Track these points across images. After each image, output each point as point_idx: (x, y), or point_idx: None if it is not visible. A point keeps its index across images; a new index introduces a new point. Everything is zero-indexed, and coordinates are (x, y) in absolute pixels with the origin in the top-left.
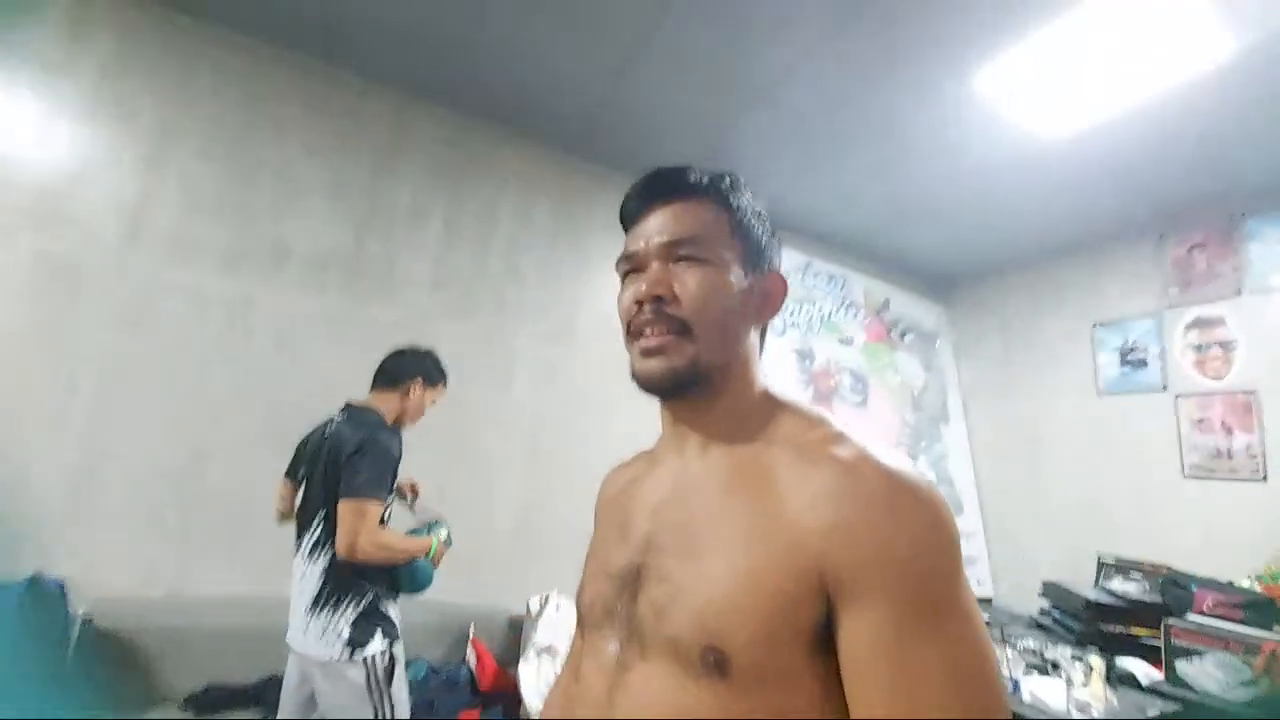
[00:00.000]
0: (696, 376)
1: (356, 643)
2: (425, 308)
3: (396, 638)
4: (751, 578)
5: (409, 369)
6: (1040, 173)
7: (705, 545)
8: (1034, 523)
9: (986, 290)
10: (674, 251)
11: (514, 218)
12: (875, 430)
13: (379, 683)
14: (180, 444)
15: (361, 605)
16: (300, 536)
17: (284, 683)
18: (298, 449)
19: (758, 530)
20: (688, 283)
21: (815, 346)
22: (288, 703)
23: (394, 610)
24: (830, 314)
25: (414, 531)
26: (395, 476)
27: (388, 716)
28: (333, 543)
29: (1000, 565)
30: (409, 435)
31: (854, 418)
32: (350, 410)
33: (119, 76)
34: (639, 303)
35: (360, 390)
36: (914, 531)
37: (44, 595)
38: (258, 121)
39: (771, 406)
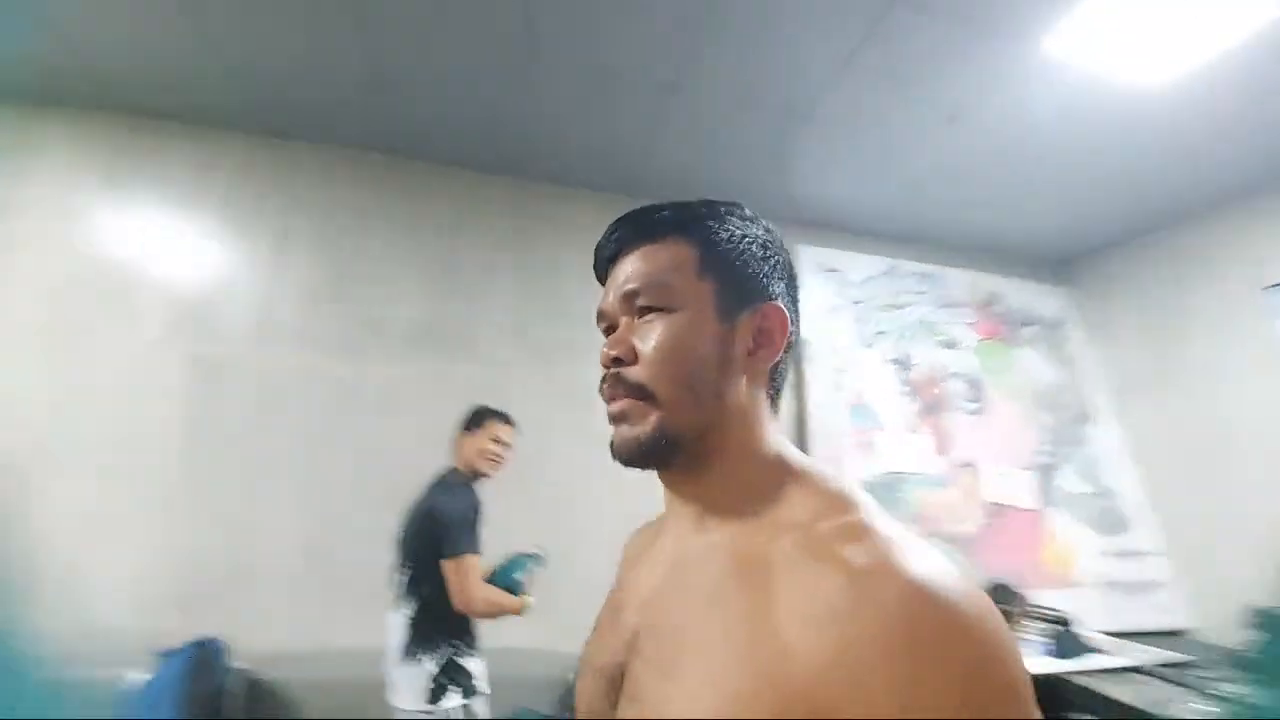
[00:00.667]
0: (667, 445)
1: (434, 698)
2: (507, 361)
3: (475, 693)
4: (732, 706)
5: (460, 424)
6: (1147, 128)
7: (686, 659)
8: (1223, 535)
9: (1113, 265)
10: (633, 304)
11: (580, 266)
12: (999, 440)
13: None
14: (310, 513)
15: (440, 660)
16: (395, 593)
17: None
18: None
19: (745, 646)
20: (648, 338)
21: (913, 354)
22: None
23: (476, 664)
24: (927, 316)
25: (513, 562)
26: (476, 523)
27: None
28: (415, 598)
29: (1187, 589)
30: (504, 486)
31: (971, 428)
32: (439, 473)
33: (239, 200)
34: (604, 366)
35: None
36: (943, 679)
37: (210, 655)
38: (349, 216)
39: (784, 476)
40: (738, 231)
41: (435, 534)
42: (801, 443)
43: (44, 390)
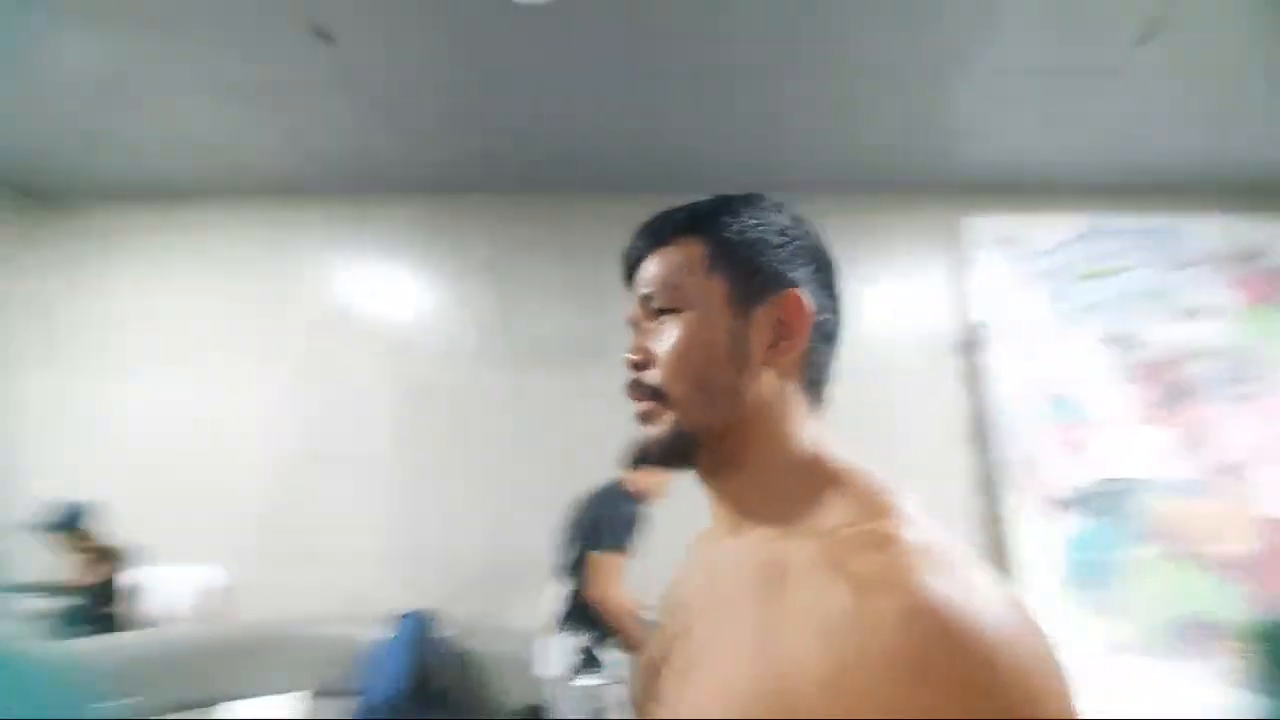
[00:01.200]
0: (685, 445)
1: (578, 671)
2: None
3: (612, 681)
4: (734, 715)
5: (632, 461)
6: None
7: (700, 665)
8: None
9: None
10: (649, 307)
11: None
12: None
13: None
14: (488, 506)
15: (587, 639)
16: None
17: None
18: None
19: (752, 656)
20: (661, 340)
21: (1139, 330)
22: None
23: (617, 657)
24: (1155, 281)
25: None
26: (634, 531)
27: None
28: (572, 580)
29: None
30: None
31: (1237, 421)
32: (611, 481)
33: (430, 250)
34: (628, 370)
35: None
36: (944, 708)
37: (427, 622)
38: (513, 251)
39: (820, 477)
40: (750, 221)
41: (599, 527)
42: (983, 444)
43: (306, 408)
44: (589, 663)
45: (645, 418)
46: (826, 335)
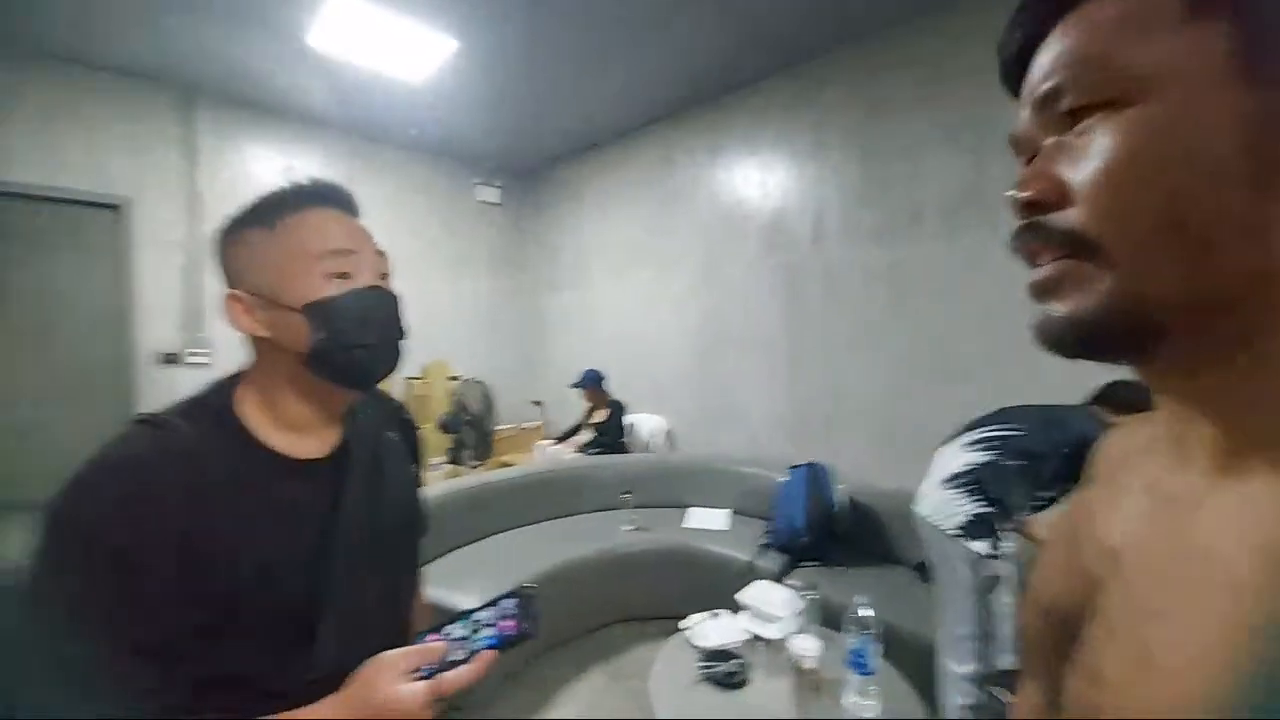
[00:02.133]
0: (1133, 328)
1: (969, 532)
2: None
3: (1008, 557)
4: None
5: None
6: None
7: (1172, 658)
8: None
9: None
10: (1055, 108)
11: None
12: None
13: (979, 586)
14: (875, 380)
15: (988, 509)
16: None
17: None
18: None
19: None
20: (1087, 159)
21: None
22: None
23: (1015, 542)
24: None
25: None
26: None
27: (976, 624)
28: (991, 447)
29: None
30: None
31: None
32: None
33: (791, 129)
34: (1017, 215)
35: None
36: None
37: (819, 474)
38: (877, 116)
39: None
40: None
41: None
42: None
43: (704, 293)
44: (982, 530)
45: (1050, 286)
46: None
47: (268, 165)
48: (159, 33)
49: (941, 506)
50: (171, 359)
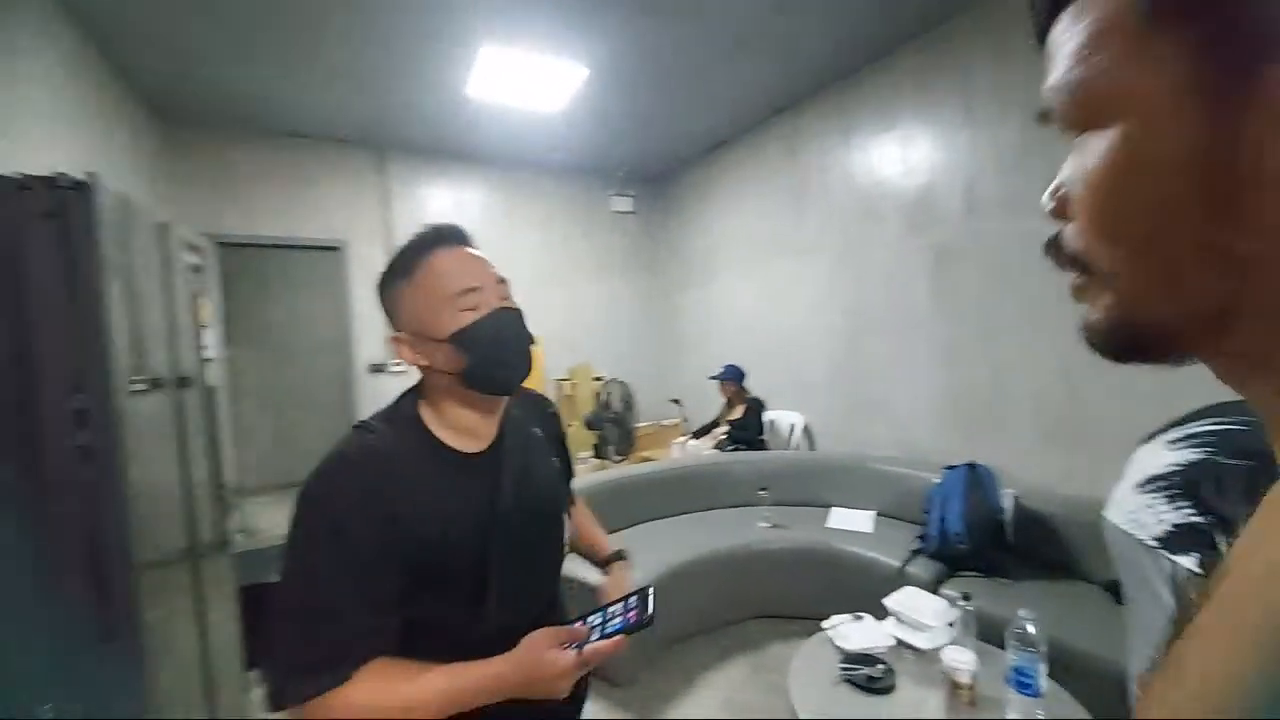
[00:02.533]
0: (1143, 341)
1: (1171, 545)
2: None
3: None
4: None
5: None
6: None
7: (1200, 643)
8: None
9: None
10: (1055, 116)
11: None
12: None
13: (1173, 598)
14: (1045, 367)
15: (1197, 517)
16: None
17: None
18: None
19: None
20: (1077, 176)
21: None
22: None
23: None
24: None
25: None
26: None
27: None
28: (1205, 444)
29: None
30: None
31: None
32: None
33: (927, 100)
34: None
35: None
36: None
37: (981, 476)
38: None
39: None
40: None
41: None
42: None
43: (842, 281)
44: (1188, 542)
45: (1077, 295)
46: None
47: (441, 203)
48: (359, 105)
49: (1138, 513)
50: (378, 369)
